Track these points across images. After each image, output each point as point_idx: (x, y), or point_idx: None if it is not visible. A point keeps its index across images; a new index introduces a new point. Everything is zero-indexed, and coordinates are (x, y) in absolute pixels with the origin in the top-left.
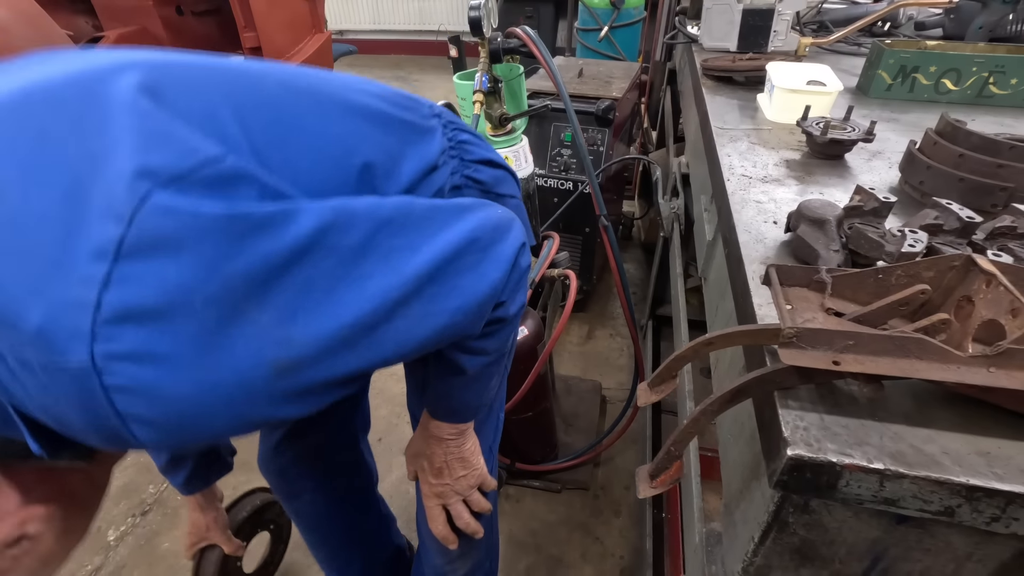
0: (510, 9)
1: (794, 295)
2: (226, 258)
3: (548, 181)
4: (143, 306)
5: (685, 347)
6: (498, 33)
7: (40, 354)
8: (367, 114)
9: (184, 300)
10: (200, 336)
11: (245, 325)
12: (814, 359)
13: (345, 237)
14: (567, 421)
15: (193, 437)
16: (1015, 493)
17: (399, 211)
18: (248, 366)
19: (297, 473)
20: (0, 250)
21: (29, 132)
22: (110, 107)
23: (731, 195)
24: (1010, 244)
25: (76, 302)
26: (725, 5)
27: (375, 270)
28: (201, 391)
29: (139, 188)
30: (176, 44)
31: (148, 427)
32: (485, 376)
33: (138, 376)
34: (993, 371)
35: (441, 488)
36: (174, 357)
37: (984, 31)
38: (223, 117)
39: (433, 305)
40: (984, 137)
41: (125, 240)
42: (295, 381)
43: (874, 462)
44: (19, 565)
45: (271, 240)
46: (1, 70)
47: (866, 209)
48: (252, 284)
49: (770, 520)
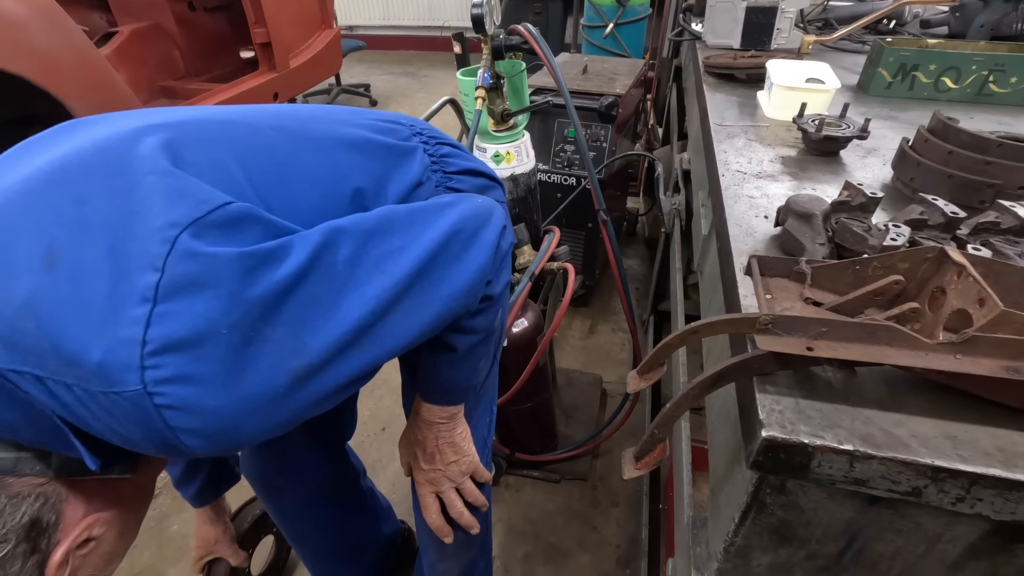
0: (519, 6)
1: (775, 285)
2: (242, 289)
3: (551, 177)
4: (180, 338)
5: (672, 335)
6: (501, 30)
7: (102, 384)
8: (352, 144)
9: (212, 329)
10: (228, 357)
11: (263, 343)
12: (788, 345)
13: (337, 253)
14: (567, 413)
15: (233, 441)
16: (978, 474)
17: (382, 220)
18: (270, 376)
19: (277, 472)
20: (65, 303)
21: (69, 198)
22: (136, 171)
23: (724, 190)
24: (992, 239)
25: (127, 340)
26: (729, 3)
27: (369, 276)
28: (234, 402)
29: (167, 239)
30: (188, 39)
31: (195, 436)
32: (474, 356)
33: (182, 395)
34: (959, 358)
35: (433, 474)
36: (208, 377)
37: (986, 29)
38: (229, 167)
39: (425, 296)
40: (973, 134)
41: (160, 285)
42: (311, 384)
43: (844, 443)
44: (87, 563)
45: (275, 270)
46: (35, 145)
47: (853, 204)
48: (265, 308)
49: (749, 501)
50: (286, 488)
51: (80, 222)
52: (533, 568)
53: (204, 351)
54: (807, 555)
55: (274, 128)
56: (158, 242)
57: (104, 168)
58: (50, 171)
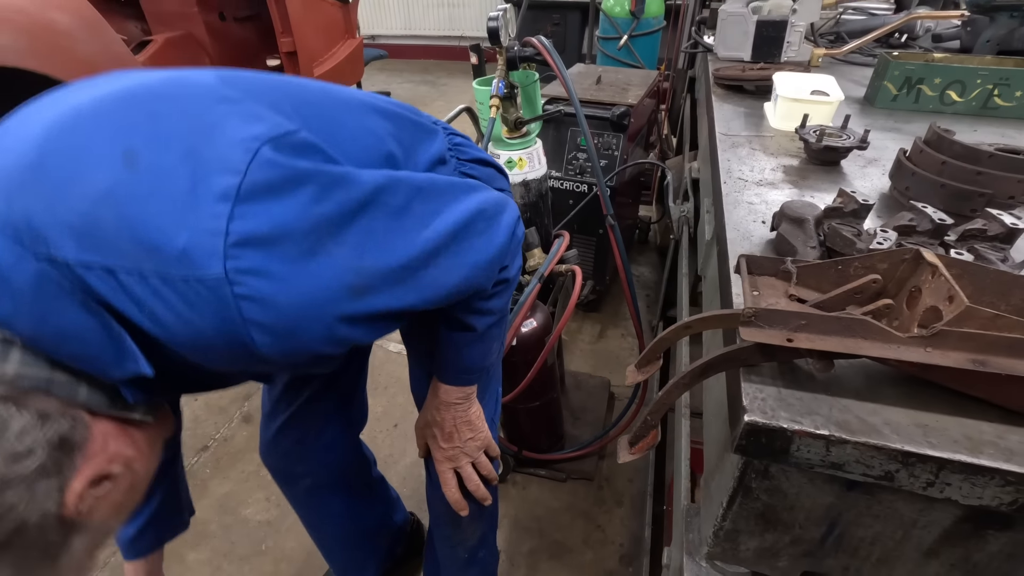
0: (537, 16)
1: (764, 283)
2: (315, 203)
3: (564, 183)
4: (260, 234)
5: (667, 330)
6: (515, 42)
7: (184, 269)
8: (385, 114)
9: (287, 232)
10: (299, 260)
11: (328, 256)
12: (770, 336)
13: (393, 198)
14: (575, 414)
15: (295, 344)
16: (945, 459)
17: (428, 182)
18: (332, 285)
19: (297, 458)
20: (147, 194)
21: (143, 114)
22: (208, 99)
23: (725, 196)
24: (978, 245)
25: (211, 230)
26: (740, 16)
27: (415, 227)
28: (300, 301)
29: (249, 148)
30: (218, 47)
31: (264, 332)
32: (489, 337)
33: (258, 287)
34: (929, 351)
35: (452, 451)
36: (282, 275)
37: (992, 44)
38: (287, 110)
39: (456, 259)
40: (966, 146)
41: (242, 186)
42: (362, 301)
43: (821, 429)
44: (100, 506)
45: (344, 194)
46: (93, 82)
47: (846, 210)
48: (332, 225)
49: (736, 486)
50: (304, 476)
51: (156, 133)
52: (537, 563)
53: (280, 250)
54: (791, 540)
55: (319, 90)
56: (240, 151)
57: (175, 95)
58: (119, 96)
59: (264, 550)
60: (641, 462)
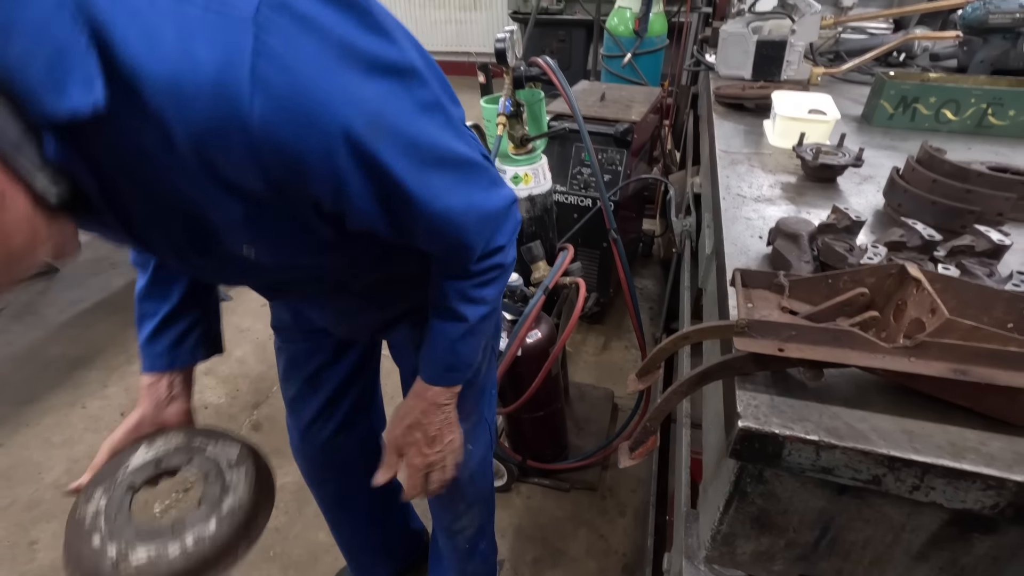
0: (544, 33)
1: (758, 296)
2: (359, 29)
3: (568, 198)
4: (298, 9)
5: (666, 340)
6: (521, 62)
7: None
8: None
9: (323, 26)
10: (326, 55)
11: (354, 77)
12: (762, 346)
13: (420, 91)
14: (579, 425)
15: (290, 136)
16: (929, 464)
17: (458, 118)
18: (352, 100)
19: (324, 460)
20: None
21: None
22: None
23: (724, 212)
24: (964, 260)
25: None
26: (740, 36)
27: (435, 125)
28: (317, 87)
29: None
30: None
31: (267, 96)
32: (479, 331)
33: (281, 52)
34: (913, 360)
35: (435, 456)
36: (307, 54)
37: (986, 64)
38: None
39: (460, 186)
40: (955, 165)
41: None
42: (372, 141)
43: (811, 434)
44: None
45: (387, 49)
46: None
47: (840, 227)
48: (365, 61)
49: (732, 490)
50: (330, 480)
51: None
52: (541, 572)
53: (314, 33)
54: (786, 543)
55: None
56: None
57: None
58: None
59: (272, 556)
60: (644, 473)
